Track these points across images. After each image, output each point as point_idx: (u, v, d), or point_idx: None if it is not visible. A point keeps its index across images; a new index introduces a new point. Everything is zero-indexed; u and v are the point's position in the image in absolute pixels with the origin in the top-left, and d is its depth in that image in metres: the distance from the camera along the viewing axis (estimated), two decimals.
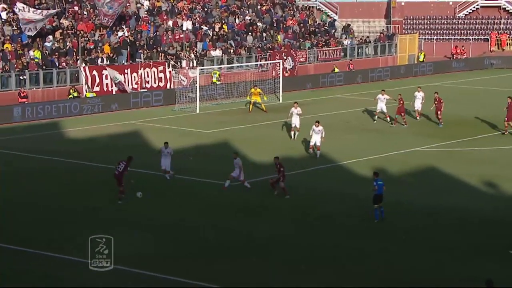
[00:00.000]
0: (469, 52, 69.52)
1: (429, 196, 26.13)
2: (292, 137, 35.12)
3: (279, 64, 50.21)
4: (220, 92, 47.41)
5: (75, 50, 45.94)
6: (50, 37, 46.31)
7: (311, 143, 31.48)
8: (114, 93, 44.86)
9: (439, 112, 39.01)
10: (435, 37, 72.31)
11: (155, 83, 47.48)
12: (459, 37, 71.53)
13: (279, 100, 47.70)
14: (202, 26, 55.42)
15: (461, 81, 58.39)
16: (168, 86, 47.74)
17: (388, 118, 39.64)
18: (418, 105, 40.61)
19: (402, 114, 38.69)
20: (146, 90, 46.35)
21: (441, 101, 39.27)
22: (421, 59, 65.59)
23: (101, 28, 49.24)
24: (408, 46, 65.88)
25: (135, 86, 46.40)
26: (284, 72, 52.69)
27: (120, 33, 49.20)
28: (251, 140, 35.38)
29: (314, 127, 31.67)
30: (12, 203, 24.61)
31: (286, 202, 25.12)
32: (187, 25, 54.49)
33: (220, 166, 29.54)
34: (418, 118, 40.65)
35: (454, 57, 68.02)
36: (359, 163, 30.84)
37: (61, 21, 48.25)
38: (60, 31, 47.31)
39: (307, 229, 22.35)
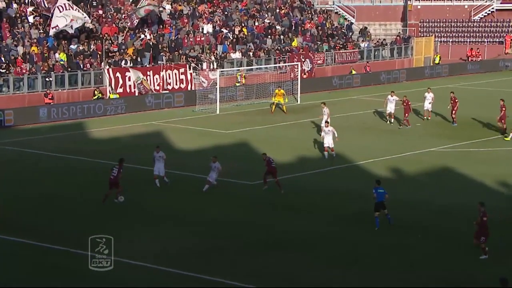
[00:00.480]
0: (484, 55, 69.16)
1: (444, 196, 26.11)
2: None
3: (298, 66, 50.29)
4: (239, 94, 47.55)
5: (99, 52, 46.33)
6: (76, 40, 46.73)
7: (325, 145, 31.41)
8: (136, 94, 45.15)
9: (453, 112, 39.12)
10: (451, 40, 72.01)
11: (176, 84, 47.73)
12: (474, 40, 71.19)
13: (297, 102, 47.77)
14: (222, 29, 55.63)
15: (476, 83, 58.11)
16: (189, 88, 47.96)
17: (392, 119, 39.59)
18: (427, 105, 40.56)
19: (406, 115, 38.47)
20: (167, 91, 46.62)
21: (456, 100, 39.38)
22: (436, 61, 65.34)
23: (124, 31, 49.57)
24: (424, 48, 65.67)
25: (157, 87, 46.69)
26: (302, 74, 52.74)
27: (142, 36, 49.52)
28: (270, 141, 35.48)
29: (324, 127, 31.63)
30: (50, 200, 24.92)
31: (307, 201, 25.22)
32: (208, 28, 54.72)
33: (241, 165, 29.70)
34: (428, 118, 40.56)
35: (469, 59, 67.70)
36: (376, 163, 30.85)
37: (85, 25, 48.65)
38: (85, 34, 47.72)
39: (338, 227, 22.50)
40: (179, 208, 24.37)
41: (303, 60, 54.88)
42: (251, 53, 53.78)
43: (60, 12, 44.89)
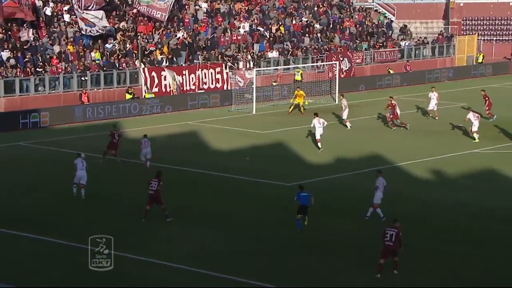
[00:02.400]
0: None
1: (486, 198, 25.85)
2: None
3: (336, 66, 50.18)
4: (276, 94, 47.63)
5: (134, 51, 46.82)
6: (111, 39, 47.31)
7: (317, 137, 32.56)
8: (172, 94, 45.54)
9: (487, 108, 39.59)
10: (494, 38, 71.06)
11: (212, 84, 48.01)
12: None
13: (335, 101, 47.65)
14: (259, 28, 55.77)
15: None
16: (225, 87, 48.20)
17: (437, 117, 39.73)
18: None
19: (391, 117, 38.15)
20: (203, 91, 46.91)
21: (487, 97, 40.09)
22: (479, 60, 64.58)
23: (161, 29, 50.02)
24: (466, 47, 64.96)
25: (193, 87, 47.02)
26: (340, 73, 52.61)
27: (179, 35, 49.92)
28: (307, 141, 35.49)
29: (315, 121, 32.79)
30: (94, 198, 25.33)
31: (349, 202, 25.20)
32: (245, 26, 54.92)
33: (277, 166, 29.79)
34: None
35: None
36: (416, 165, 30.67)
37: (121, 23, 49.22)
38: (121, 33, 48.27)
39: (376, 230, 22.33)
40: (215, 209, 24.51)
41: (342, 59, 54.73)
42: (288, 52, 53.82)
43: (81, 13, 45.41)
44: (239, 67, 49.71)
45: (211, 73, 47.90)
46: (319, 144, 32.84)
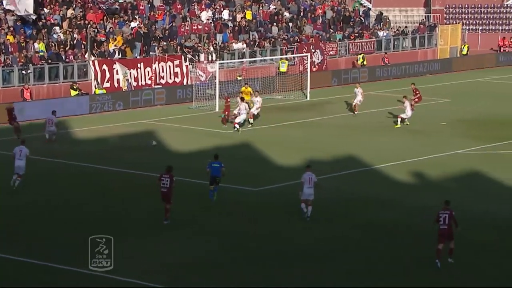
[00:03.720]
0: None
1: (474, 203, 26.29)
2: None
3: (307, 58, 50.47)
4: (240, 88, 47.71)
5: (83, 42, 46.57)
6: (57, 28, 46.98)
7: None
8: (124, 89, 45.41)
9: (416, 100, 41.79)
10: (480, 28, 72.07)
11: (170, 78, 47.95)
12: (507, 28, 71.24)
13: (306, 98, 47.97)
14: (222, 16, 55.84)
15: (508, 77, 58.20)
16: (184, 82, 48.18)
17: (356, 112, 41.49)
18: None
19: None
20: (160, 86, 46.85)
21: (417, 92, 42.29)
22: (464, 52, 65.44)
23: (113, 18, 49.82)
24: (450, 37, 65.74)
25: (149, 82, 46.93)
26: (312, 66, 52.96)
27: (133, 24, 49.78)
28: (275, 141, 35.69)
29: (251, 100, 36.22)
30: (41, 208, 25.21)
31: (323, 208, 25.47)
32: (206, 14, 54.96)
33: (243, 169, 29.89)
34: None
35: (501, 50, 67.80)
36: (395, 167, 31.04)
37: (69, 11, 48.91)
38: (67, 21, 47.96)
39: (356, 237, 22.88)
40: (180, 216, 24.53)
41: (313, 50, 55.08)
42: (254, 43, 53.99)
43: None
44: (200, 59, 49.72)
45: (169, 66, 47.84)
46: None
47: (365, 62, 56.14)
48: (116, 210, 25.38)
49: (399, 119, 38.39)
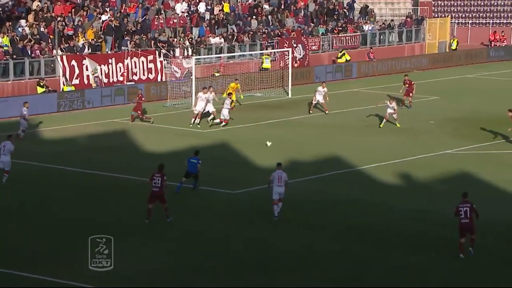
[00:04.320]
0: (510, 39, 69.61)
1: None
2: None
3: (288, 53, 50.43)
4: (219, 86, 47.60)
5: (50, 36, 46.22)
6: (22, 21, 46.58)
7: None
8: (93, 86, 45.14)
9: (410, 95, 42.92)
10: (470, 21, 72.44)
11: (143, 75, 47.73)
12: (498, 21, 71.63)
13: (288, 95, 47.92)
14: (198, 9, 55.66)
15: (499, 73, 58.57)
16: (159, 79, 47.98)
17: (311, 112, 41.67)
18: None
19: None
20: (133, 83, 46.60)
21: (412, 83, 42.94)
22: (453, 47, 65.75)
23: (82, 11, 49.51)
24: (438, 31, 66.01)
25: (121, 78, 46.67)
26: (294, 62, 52.91)
27: (103, 17, 49.49)
28: (255, 141, 35.58)
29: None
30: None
31: (304, 212, 25.40)
32: (181, 7, 54.77)
33: (221, 171, 29.78)
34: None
35: (492, 45, 68.15)
36: (381, 168, 31.06)
37: (35, 3, 48.51)
38: (33, 14, 47.57)
39: (340, 243, 22.85)
40: (153, 221, 24.37)
41: (295, 45, 55.05)
42: (233, 38, 53.87)
43: None
44: (175, 55, 49.53)
45: (142, 62, 47.62)
46: None
47: (348, 58, 55.97)
48: (92, 213, 25.15)
49: (384, 120, 38.16)
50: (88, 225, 23.93)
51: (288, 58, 50.08)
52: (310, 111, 41.95)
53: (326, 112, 41.41)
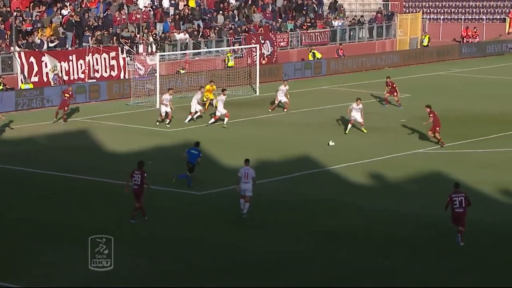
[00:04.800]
0: (482, 35, 70.42)
1: (435, 207, 26.71)
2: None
3: (256, 50, 50.64)
4: (185, 84, 47.71)
5: (7, 32, 45.96)
6: None
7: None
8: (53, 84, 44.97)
9: (395, 94, 43.31)
10: (442, 17, 73.15)
11: (105, 72, 47.67)
12: (470, 17, 72.40)
13: (255, 93, 48.14)
14: (162, 4, 55.66)
15: (472, 70, 59.24)
16: (121, 76, 47.96)
17: (271, 111, 41.67)
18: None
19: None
20: (95, 80, 46.52)
21: (394, 85, 43.26)
22: (425, 43, 66.36)
23: (40, 5, 49.29)
24: (409, 27, 66.64)
25: (82, 76, 46.57)
26: (262, 59, 53.14)
27: (63, 12, 49.30)
28: (223, 141, 35.77)
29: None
30: None
31: (273, 214, 25.63)
32: (145, 2, 54.71)
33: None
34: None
35: (465, 41, 68.88)
36: (351, 168, 31.38)
37: None
38: None
39: (309, 245, 23.07)
40: (116, 224, 24.44)
41: (263, 42, 55.28)
42: (198, 34, 53.93)
43: None
44: (138, 51, 49.50)
45: (104, 58, 47.56)
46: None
47: (318, 56, 56.33)
48: (53, 215, 25.16)
49: (349, 125, 37.24)
50: (48, 228, 23.98)
51: (255, 55, 50.28)
52: (270, 110, 41.90)
53: (285, 110, 41.61)
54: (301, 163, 32.01)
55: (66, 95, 39.60)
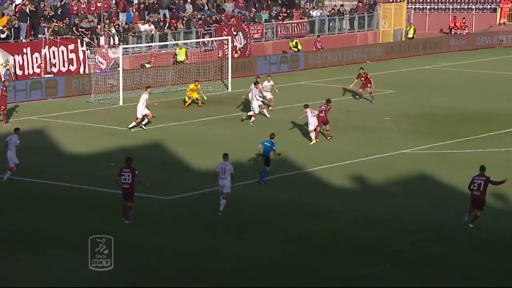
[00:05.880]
0: (471, 26, 70.85)
1: (423, 211, 26.90)
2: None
3: (227, 42, 50.69)
4: (150, 79, 47.65)
5: None
6: None
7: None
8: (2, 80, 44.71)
9: (369, 86, 43.64)
10: (428, 7, 73.48)
11: (64, 66, 47.48)
12: (459, 7, 72.78)
13: (227, 89, 48.17)
14: None
15: (460, 64, 59.59)
16: (81, 71, 47.80)
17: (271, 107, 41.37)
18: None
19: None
20: (52, 75, 46.34)
21: (369, 77, 43.76)
22: (410, 35, 66.57)
23: None
24: (393, 18, 66.91)
25: (37, 70, 46.37)
26: (234, 52, 53.19)
27: (17, 1, 49.05)
28: (192, 141, 35.78)
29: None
30: None
31: (248, 219, 25.73)
32: None
33: (153, 175, 29.86)
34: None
35: (453, 33, 69.26)
36: (332, 169, 31.52)
37: None
38: None
39: (286, 252, 23.14)
40: (74, 230, 24.39)
41: (235, 33, 55.32)
42: (165, 24, 53.86)
43: None
44: (99, 44, 49.37)
45: (62, 51, 47.38)
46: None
47: (299, 47, 56.52)
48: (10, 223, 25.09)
49: (312, 135, 35.59)
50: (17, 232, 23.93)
51: (227, 48, 50.31)
52: (269, 108, 41.76)
53: (270, 108, 41.72)
54: (277, 165, 32.03)
55: (4, 93, 38.85)
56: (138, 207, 26.77)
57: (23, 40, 47.16)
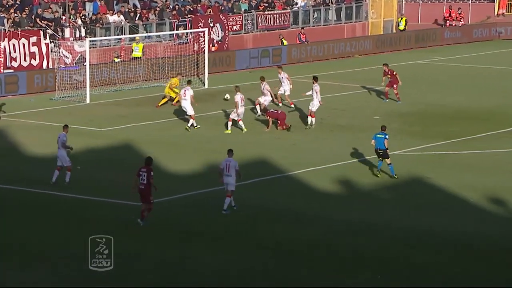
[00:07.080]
0: (468, 17, 71.19)
1: (414, 217, 27.12)
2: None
3: (204, 34, 50.77)
4: (120, 74, 47.69)
5: None
6: None
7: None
8: None
9: (394, 86, 43.43)
10: None
11: (25, 60, 47.41)
12: None
13: (204, 85, 48.27)
14: None
15: (455, 58, 59.90)
16: (44, 65, 47.78)
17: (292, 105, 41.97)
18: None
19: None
20: (12, 70, 46.33)
21: (394, 73, 43.49)
22: (401, 27, 66.78)
23: None
24: (383, 9, 67.14)
25: None
26: (211, 45, 53.30)
27: None
28: (165, 142, 35.87)
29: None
30: None
31: (225, 225, 25.91)
32: None
33: (124, 178, 29.95)
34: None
35: (447, 24, 69.56)
36: (317, 172, 31.70)
37: None
38: None
39: (265, 262, 23.25)
40: (39, 240, 24.48)
41: (212, 25, 55.40)
42: (136, 15, 53.89)
43: None
44: (64, 36, 49.36)
45: (23, 44, 47.31)
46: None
47: (285, 43, 56.73)
48: None
49: (241, 123, 37.64)
50: None
51: (203, 41, 50.41)
52: (279, 103, 42.24)
53: (292, 105, 42.07)
54: (258, 167, 32.20)
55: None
56: (107, 212, 26.91)
57: None
